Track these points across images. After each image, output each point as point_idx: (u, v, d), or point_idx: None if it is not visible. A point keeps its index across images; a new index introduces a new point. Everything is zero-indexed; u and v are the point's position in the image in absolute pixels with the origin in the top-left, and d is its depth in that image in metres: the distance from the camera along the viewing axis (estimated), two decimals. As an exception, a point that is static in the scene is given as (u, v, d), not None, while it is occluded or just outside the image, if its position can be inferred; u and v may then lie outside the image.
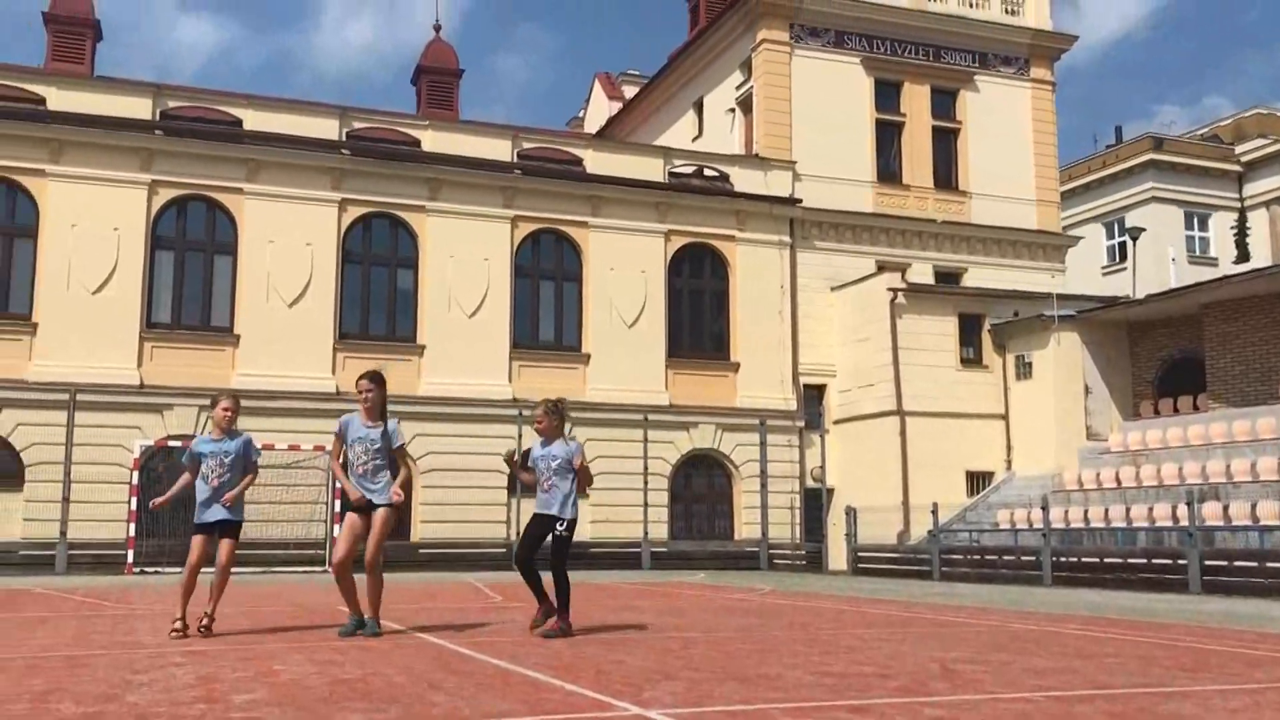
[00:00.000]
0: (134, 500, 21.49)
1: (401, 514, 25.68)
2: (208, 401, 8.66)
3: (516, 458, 8.47)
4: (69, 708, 4.83)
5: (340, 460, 8.42)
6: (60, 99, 23.81)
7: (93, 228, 23.36)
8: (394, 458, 8.36)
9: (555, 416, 8.47)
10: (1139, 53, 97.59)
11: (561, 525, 8.39)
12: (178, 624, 8.08)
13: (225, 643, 7.69)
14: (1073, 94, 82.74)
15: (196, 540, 8.22)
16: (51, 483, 22.19)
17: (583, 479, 8.47)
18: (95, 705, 4.90)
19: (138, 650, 7.22)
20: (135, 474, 21.72)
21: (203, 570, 8.21)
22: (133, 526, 21.45)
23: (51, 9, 28.15)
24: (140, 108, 24.27)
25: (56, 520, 21.98)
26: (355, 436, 8.27)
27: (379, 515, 8.24)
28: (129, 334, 23.41)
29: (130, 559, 21.25)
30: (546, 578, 8.38)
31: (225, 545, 8.28)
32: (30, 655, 6.95)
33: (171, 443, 22.48)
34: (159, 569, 21.24)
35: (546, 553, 8.34)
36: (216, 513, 8.22)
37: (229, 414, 8.46)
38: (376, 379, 8.41)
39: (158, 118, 24.41)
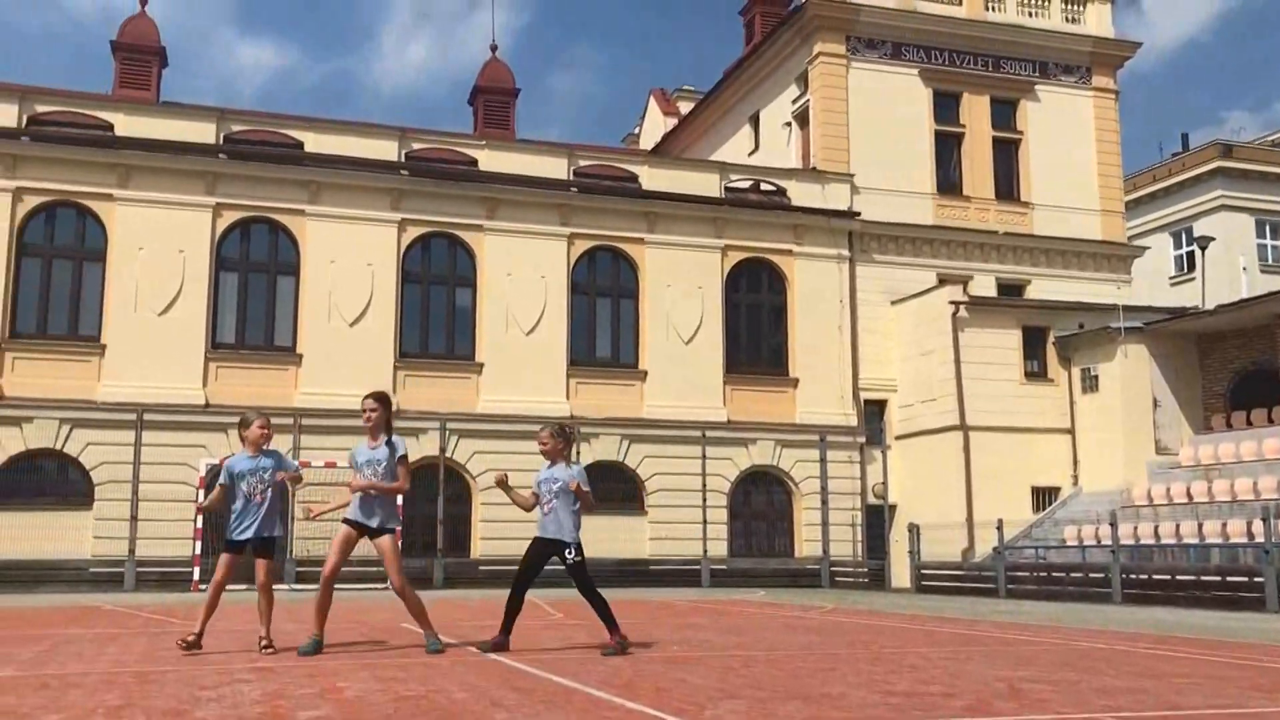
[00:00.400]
0: (199, 519, 21.84)
1: (461, 531, 25.68)
2: (273, 421, 8.72)
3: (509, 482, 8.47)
4: (138, 723, 4.89)
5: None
6: (127, 125, 24.37)
7: (159, 250, 23.85)
8: (394, 470, 8.32)
9: (560, 439, 8.46)
10: (1206, 57, 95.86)
11: (570, 553, 8.39)
12: (190, 638, 8.09)
13: (290, 660, 7.76)
14: (1138, 100, 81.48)
15: (226, 558, 8.22)
16: (120, 501, 22.62)
17: (584, 505, 8.40)
18: (163, 721, 4.95)
19: (205, 666, 7.31)
20: (201, 492, 22.08)
21: (228, 588, 8.23)
22: (198, 544, 21.80)
23: (119, 38, 28.88)
24: (204, 132, 24.77)
25: (125, 538, 22.40)
26: (363, 460, 8.31)
27: (384, 544, 8.27)
28: (194, 354, 23.84)
29: (196, 576, 21.58)
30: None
31: (263, 565, 8.32)
32: (103, 671, 7.06)
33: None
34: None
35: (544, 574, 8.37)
36: (256, 530, 8.24)
37: (265, 432, 8.49)
38: (382, 399, 8.42)
39: (221, 142, 24.90)
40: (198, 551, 21.75)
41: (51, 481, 23.10)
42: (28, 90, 25.01)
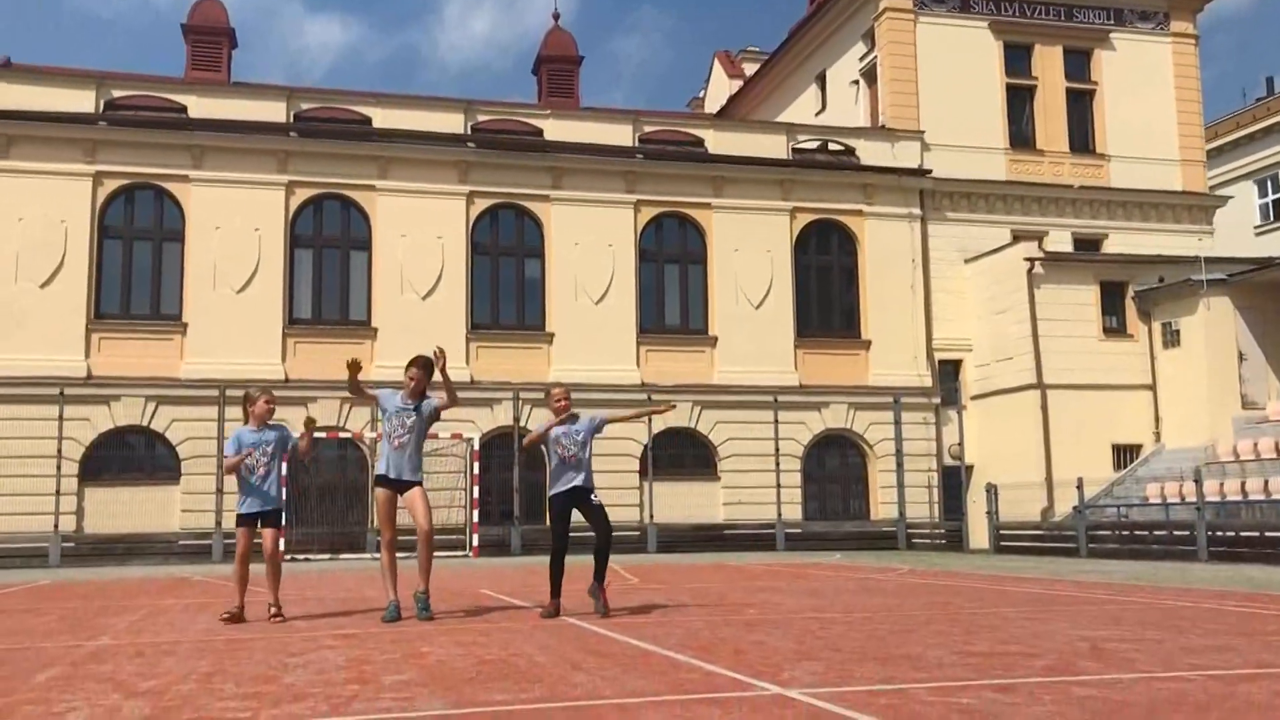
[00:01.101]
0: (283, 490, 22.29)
1: (537, 499, 25.86)
2: (347, 395, 8.89)
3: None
4: (231, 688, 5.05)
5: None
6: (200, 106, 24.80)
7: (235, 229, 24.30)
8: (426, 426, 8.55)
9: (569, 398, 8.80)
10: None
11: (595, 497, 8.62)
12: (233, 610, 8.33)
13: (374, 626, 7.93)
14: (1221, 44, 78.75)
15: (241, 531, 8.55)
16: (205, 475, 23.20)
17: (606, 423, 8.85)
18: (255, 686, 5.10)
19: (292, 634, 7.50)
20: (284, 465, 22.48)
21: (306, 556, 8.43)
22: (282, 516, 22.24)
23: (189, 20, 29.34)
24: (275, 111, 25.12)
25: (211, 511, 22.99)
26: (395, 408, 8.44)
27: (417, 494, 8.40)
28: (273, 330, 24.29)
29: (281, 547, 22.05)
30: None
31: (270, 535, 8.61)
32: (195, 639, 7.28)
33: (317, 434, 23.25)
34: (308, 556, 22.05)
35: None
36: (260, 504, 8.47)
37: (270, 407, 8.72)
38: (426, 366, 8.57)
39: (292, 120, 25.23)
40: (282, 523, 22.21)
41: (140, 457, 23.78)
42: (104, 76, 25.55)
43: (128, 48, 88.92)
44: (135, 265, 24.22)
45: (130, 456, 23.71)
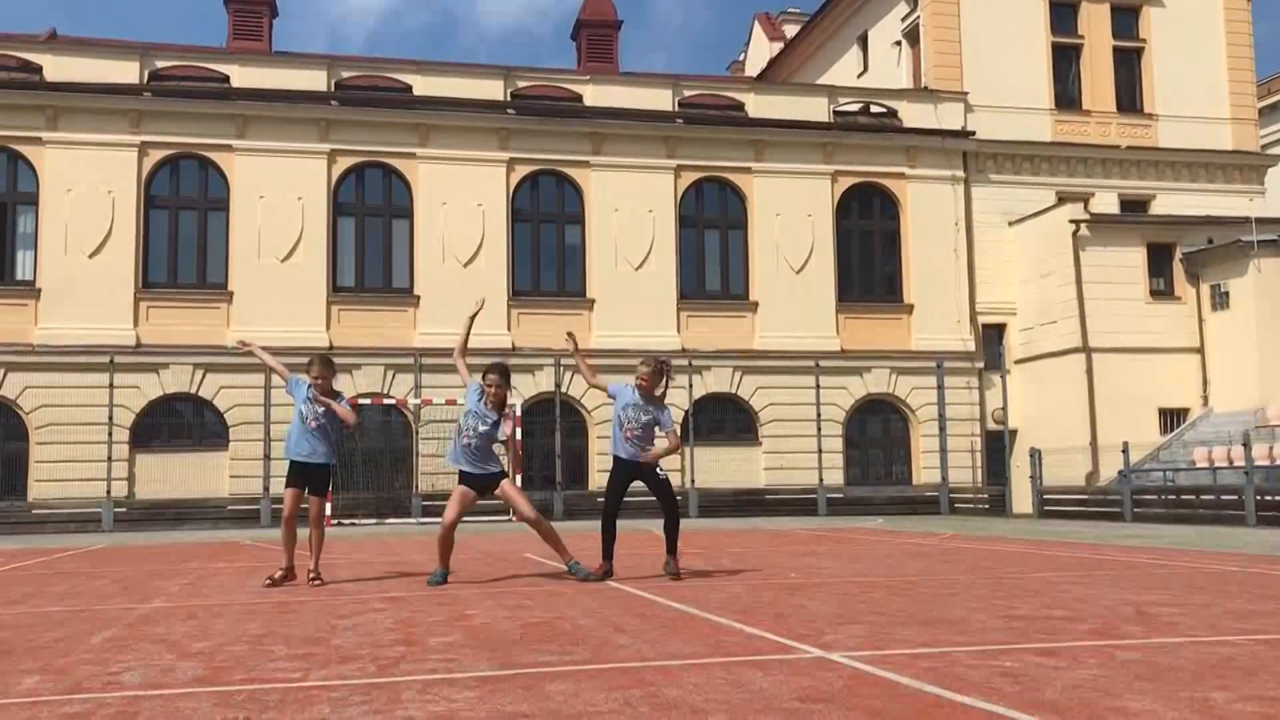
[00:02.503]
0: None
1: (578, 464, 26.07)
2: (393, 361, 8.93)
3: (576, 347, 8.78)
4: (282, 649, 5.16)
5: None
6: (243, 76, 24.95)
7: (279, 198, 24.49)
8: (494, 432, 8.56)
9: (658, 376, 8.51)
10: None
11: (661, 470, 8.59)
12: (278, 574, 8.46)
13: (421, 589, 8.05)
14: None
15: (290, 494, 8.62)
16: (253, 442, 23.53)
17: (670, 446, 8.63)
18: (305, 648, 5.21)
19: (340, 596, 7.63)
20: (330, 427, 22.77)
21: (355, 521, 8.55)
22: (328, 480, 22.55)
23: (231, -10, 29.43)
24: (316, 80, 25.22)
25: (259, 476, 23.32)
26: (472, 411, 8.47)
27: (505, 487, 8.52)
28: (317, 299, 24.51)
29: (328, 512, 22.35)
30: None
31: (316, 501, 8.68)
32: (246, 601, 7.43)
33: (361, 400, 23.51)
34: (355, 521, 22.35)
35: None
36: (315, 455, 8.56)
37: (320, 382, 8.84)
38: (505, 373, 8.67)
39: (333, 89, 25.32)
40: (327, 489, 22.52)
41: (188, 424, 24.16)
42: (148, 47, 25.75)
43: (171, 18, 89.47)
44: (181, 235, 24.50)
45: (179, 423, 24.10)
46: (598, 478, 25.11)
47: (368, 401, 23.79)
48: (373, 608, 6.88)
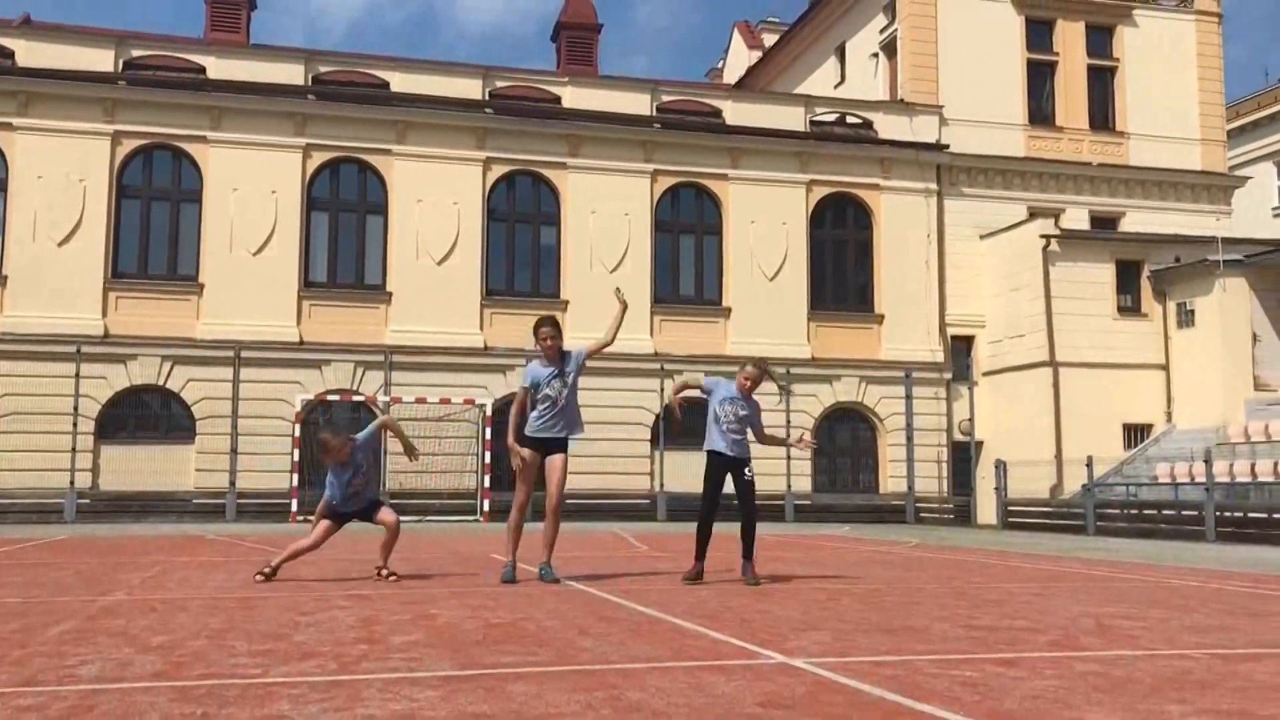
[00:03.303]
0: (296, 452, 22.51)
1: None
2: (363, 358, 8.90)
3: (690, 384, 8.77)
4: (243, 644, 5.13)
5: (520, 412, 8.36)
6: (219, 68, 24.79)
7: (252, 191, 24.34)
8: (578, 376, 8.45)
9: (760, 379, 8.67)
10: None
11: (749, 471, 8.64)
12: (267, 570, 8.39)
13: (385, 587, 8.02)
14: (1246, 21, 77.80)
15: (324, 524, 8.51)
16: (220, 435, 23.38)
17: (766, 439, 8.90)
18: (266, 643, 5.18)
19: (303, 593, 7.59)
20: (297, 426, 22.72)
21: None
22: (295, 477, 22.48)
23: (209, -19, 29.26)
24: (293, 74, 25.09)
25: (226, 471, 23.17)
26: (545, 376, 8.33)
27: (558, 461, 8.34)
28: (288, 293, 24.38)
29: (294, 508, 22.27)
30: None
31: (387, 510, 8.72)
32: (208, 596, 7.38)
33: (330, 397, 23.44)
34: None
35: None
36: (359, 503, 8.56)
37: (347, 449, 8.69)
38: (554, 323, 8.54)
39: (310, 83, 25.20)
40: (295, 484, 22.45)
41: (155, 416, 23.96)
42: (123, 35, 25.53)
43: (148, 8, 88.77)
44: (153, 225, 24.31)
45: (146, 415, 23.90)
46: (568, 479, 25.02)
47: (337, 398, 23.69)
48: (336, 605, 6.85)
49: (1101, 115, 29.85)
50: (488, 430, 23.20)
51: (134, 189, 24.27)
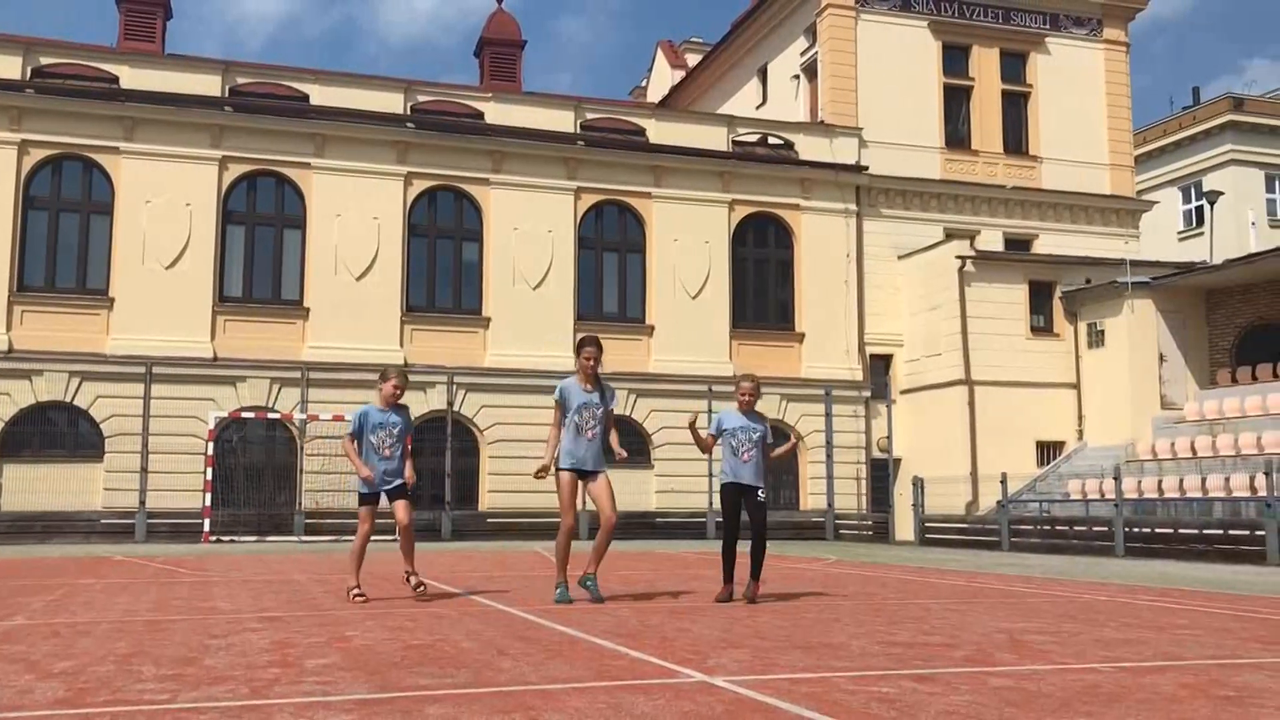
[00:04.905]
0: (209, 470, 22.03)
1: (469, 484, 25.81)
2: (279, 374, 8.74)
3: (699, 425, 8.73)
4: (150, 669, 4.98)
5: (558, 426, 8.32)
6: (133, 77, 24.26)
7: (166, 204, 23.82)
8: (610, 415, 8.41)
9: (758, 391, 8.80)
10: (1228, 2, 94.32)
11: (762, 494, 8.75)
12: (358, 590, 8.36)
13: (300, 609, 7.87)
14: (1157, 50, 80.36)
15: (365, 511, 8.41)
16: (130, 453, 22.78)
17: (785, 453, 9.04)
18: (175, 668, 5.04)
19: (214, 616, 7.41)
20: (210, 445, 22.24)
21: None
22: (208, 496, 21.99)
23: (123, -11, 28.62)
24: (210, 85, 24.65)
25: (135, 490, 22.58)
26: (580, 402, 8.29)
27: (605, 484, 8.30)
28: (202, 308, 23.87)
29: (207, 528, 21.78)
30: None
31: (401, 505, 8.44)
32: (114, 620, 7.16)
33: (245, 414, 22.99)
34: (234, 538, 21.77)
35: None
36: (393, 480, 8.37)
37: (398, 391, 8.57)
38: (598, 344, 8.49)
39: (227, 94, 24.78)
40: (208, 504, 21.95)
41: (62, 434, 23.25)
42: (32, 42, 24.88)
43: (58, 15, 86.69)
44: (61, 237, 23.65)
45: (52, 433, 23.17)
46: (488, 498, 24.90)
47: (252, 415, 23.25)
48: (248, 627, 6.70)
49: (1015, 139, 30.58)
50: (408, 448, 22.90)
51: (41, 199, 23.60)
